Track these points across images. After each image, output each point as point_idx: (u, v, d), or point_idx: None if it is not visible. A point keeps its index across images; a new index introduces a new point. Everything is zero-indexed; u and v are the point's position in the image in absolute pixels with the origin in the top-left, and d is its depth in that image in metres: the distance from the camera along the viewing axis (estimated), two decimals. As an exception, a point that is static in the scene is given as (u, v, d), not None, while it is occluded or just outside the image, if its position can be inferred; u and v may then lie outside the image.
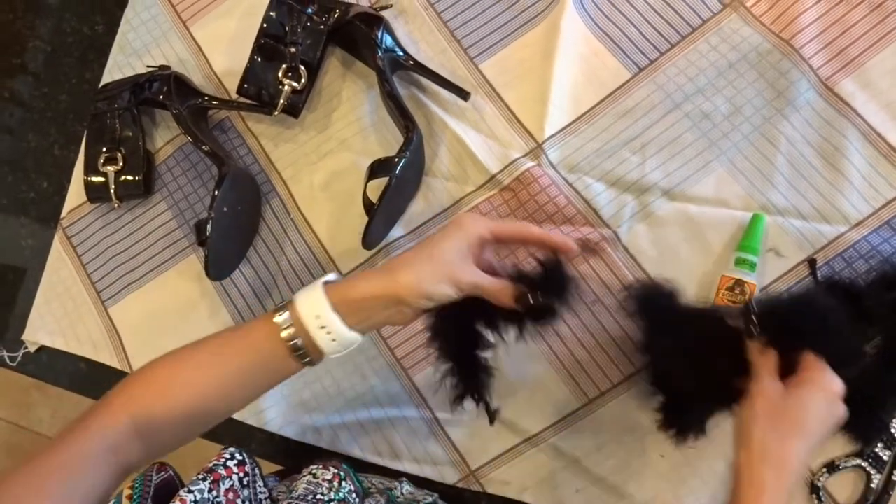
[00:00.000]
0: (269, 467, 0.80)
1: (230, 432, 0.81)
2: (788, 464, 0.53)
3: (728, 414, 0.69)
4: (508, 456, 0.74)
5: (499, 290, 0.58)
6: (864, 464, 0.66)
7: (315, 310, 0.56)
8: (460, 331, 0.64)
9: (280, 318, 0.56)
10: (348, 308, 0.56)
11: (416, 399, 0.76)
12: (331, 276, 0.59)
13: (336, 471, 0.58)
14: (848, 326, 0.60)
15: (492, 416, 0.70)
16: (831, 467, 0.67)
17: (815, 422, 0.56)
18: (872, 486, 0.66)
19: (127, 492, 0.51)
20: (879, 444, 0.66)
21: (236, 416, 0.79)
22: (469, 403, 0.68)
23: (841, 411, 0.57)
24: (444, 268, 0.57)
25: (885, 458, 0.66)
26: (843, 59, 0.75)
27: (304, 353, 0.57)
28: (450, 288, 0.57)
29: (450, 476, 0.74)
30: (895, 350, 0.66)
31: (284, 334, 0.56)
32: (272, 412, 0.79)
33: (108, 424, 0.54)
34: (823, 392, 0.56)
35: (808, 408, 0.55)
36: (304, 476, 0.57)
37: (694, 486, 0.70)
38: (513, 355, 0.74)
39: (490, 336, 0.65)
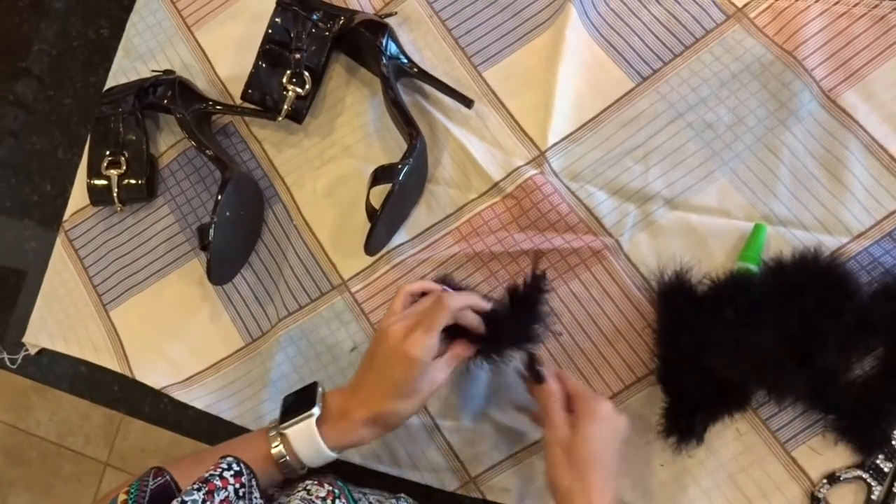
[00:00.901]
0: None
1: (231, 437, 0.80)
2: (597, 497, 0.58)
3: (729, 421, 0.70)
4: (508, 463, 0.74)
5: (459, 363, 0.66)
6: (865, 475, 0.66)
7: (317, 458, 0.62)
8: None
9: (282, 461, 0.62)
10: (344, 446, 0.63)
11: (417, 406, 0.76)
12: (315, 411, 0.63)
13: (330, 488, 0.58)
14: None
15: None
16: (832, 478, 0.67)
17: (603, 448, 0.61)
18: (873, 497, 0.66)
19: (122, 497, 0.51)
20: (880, 456, 0.66)
21: (237, 421, 0.79)
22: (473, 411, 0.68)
23: (620, 425, 0.63)
24: (420, 396, 0.63)
25: (885, 469, 0.66)
26: (845, 71, 0.75)
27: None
28: (430, 396, 0.64)
29: (450, 483, 0.74)
30: (896, 362, 0.66)
31: (286, 472, 0.63)
32: (273, 417, 0.79)
33: None
34: (597, 420, 0.62)
35: (591, 440, 0.61)
36: (299, 492, 0.57)
37: (694, 495, 0.69)
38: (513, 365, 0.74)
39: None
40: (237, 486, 0.51)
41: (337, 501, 0.57)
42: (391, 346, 0.62)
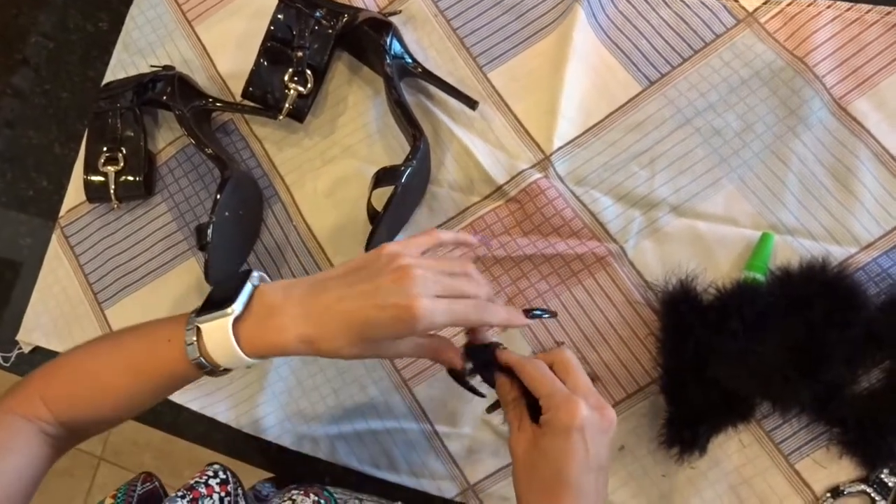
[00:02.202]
0: (263, 475, 0.79)
1: (225, 439, 0.79)
2: None
3: (733, 432, 0.69)
4: (508, 471, 0.72)
5: (433, 359, 0.58)
6: (869, 489, 0.65)
7: (231, 360, 0.53)
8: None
9: (190, 350, 0.53)
10: (262, 353, 0.53)
11: (416, 411, 0.75)
12: (237, 309, 0.53)
13: (316, 498, 0.57)
14: None
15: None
16: (835, 492, 0.66)
17: (573, 467, 0.50)
18: (877, 512, 0.65)
19: (109, 501, 0.51)
20: (885, 471, 0.65)
21: (233, 423, 0.78)
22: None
23: (605, 425, 0.52)
24: (375, 350, 0.53)
25: (890, 484, 0.65)
26: (856, 79, 0.74)
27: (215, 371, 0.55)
28: (379, 357, 0.55)
29: (448, 490, 0.73)
30: (904, 375, 0.65)
31: (196, 363, 0.54)
32: (269, 420, 0.78)
33: (29, 412, 0.56)
34: (562, 431, 0.50)
35: (555, 458, 0.50)
36: (284, 502, 0.56)
37: (696, 507, 0.69)
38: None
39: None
40: (223, 493, 0.51)
41: None
42: (391, 281, 0.51)
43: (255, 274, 0.56)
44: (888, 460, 0.65)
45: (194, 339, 0.53)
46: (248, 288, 0.54)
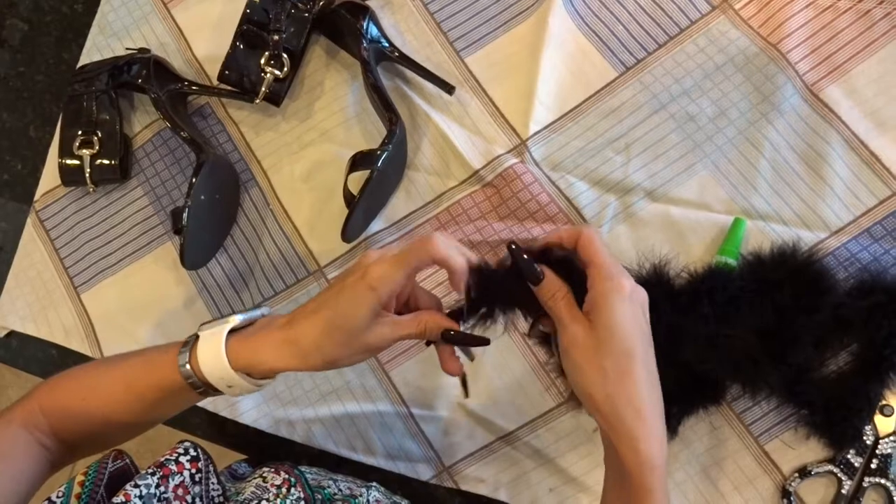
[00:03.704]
0: (239, 458, 0.79)
1: (203, 423, 0.80)
2: (644, 404, 0.48)
3: (704, 414, 0.70)
4: (483, 453, 0.73)
5: (419, 333, 0.54)
6: (836, 470, 0.67)
7: (218, 371, 0.53)
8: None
9: (182, 370, 0.54)
10: (254, 371, 0.54)
11: (392, 394, 0.76)
12: (237, 318, 0.55)
13: (287, 476, 0.57)
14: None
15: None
16: (803, 472, 0.67)
17: (637, 334, 0.49)
18: (843, 492, 0.66)
19: (80, 478, 0.51)
20: (851, 451, 0.67)
21: (209, 407, 0.78)
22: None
23: (643, 297, 0.50)
24: (358, 344, 0.52)
25: (856, 464, 0.66)
26: (829, 66, 0.75)
27: (210, 392, 0.56)
28: (364, 356, 0.54)
29: (424, 472, 0.74)
30: (871, 357, 0.66)
31: (189, 384, 0.54)
32: (246, 404, 0.78)
33: (31, 424, 0.57)
34: (623, 297, 0.49)
35: (620, 326, 0.48)
36: (255, 479, 0.57)
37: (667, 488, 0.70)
38: (490, 354, 0.74)
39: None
40: (193, 471, 0.51)
41: (293, 489, 0.56)
42: (353, 269, 0.53)
43: (270, 309, 0.59)
44: (854, 441, 0.67)
45: (188, 348, 0.55)
46: (258, 312, 0.58)
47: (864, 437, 0.67)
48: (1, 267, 0.87)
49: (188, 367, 0.54)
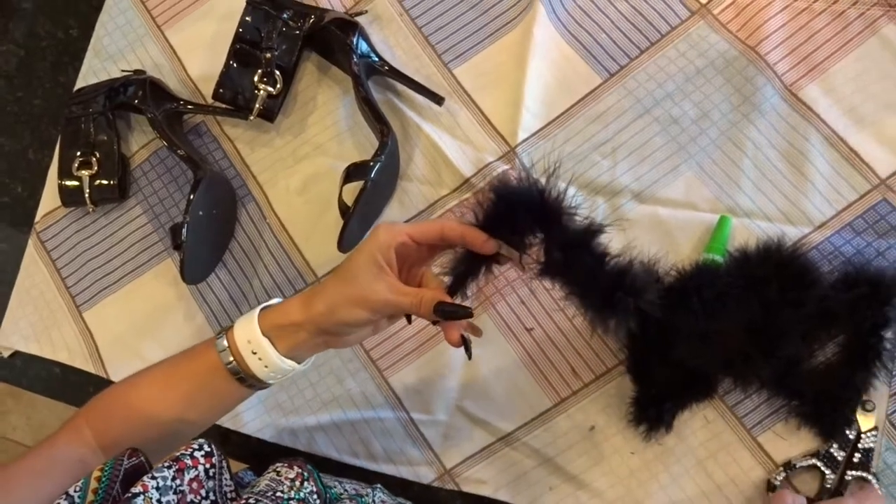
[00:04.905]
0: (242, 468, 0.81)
1: (208, 434, 0.80)
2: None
3: (697, 408, 0.71)
4: (483, 455, 0.75)
5: (414, 305, 0.57)
6: (819, 463, 0.68)
7: (247, 334, 0.58)
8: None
9: (219, 342, 0.58)
10: (278, 334, 0.58)
11: (392, 400, 0.77)
12: (274, 301, 0.61)
13: (300, 470, 0.58)
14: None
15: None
16: (788, 466, 0.68)
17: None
18: (827, 485, 0.67)
19: (96, 473, 0.51)
20: (835, 445, 0.68)
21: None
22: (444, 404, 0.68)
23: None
24: (354, 291, 0.56)
25: (839, 458, 0.68)
26: (807, 65, 0.77)
27: (244, 377, 0.58)
28: (363, 312, 0.56)
29: (425, 476, 0.75)
30: (857, 347, 0.68)
31: (222, 358, 0.58)
32: (249, 414, 0.79)
33: (74, 438, 0.58)
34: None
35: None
36: (269, 473, 0.58)
37: (664, 481, 0.71)
38: (487, 357, 0.75)
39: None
40: (207, 465, 0.52)
41: (306, 483, 0.57)
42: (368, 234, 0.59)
43: None
44: (843, 429, 0.68)
45: (226, 333, 0.59)
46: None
47: (847, 432, 0.68)
48: (3, 288, 0.88)
49: (224, 340, 0.58)
